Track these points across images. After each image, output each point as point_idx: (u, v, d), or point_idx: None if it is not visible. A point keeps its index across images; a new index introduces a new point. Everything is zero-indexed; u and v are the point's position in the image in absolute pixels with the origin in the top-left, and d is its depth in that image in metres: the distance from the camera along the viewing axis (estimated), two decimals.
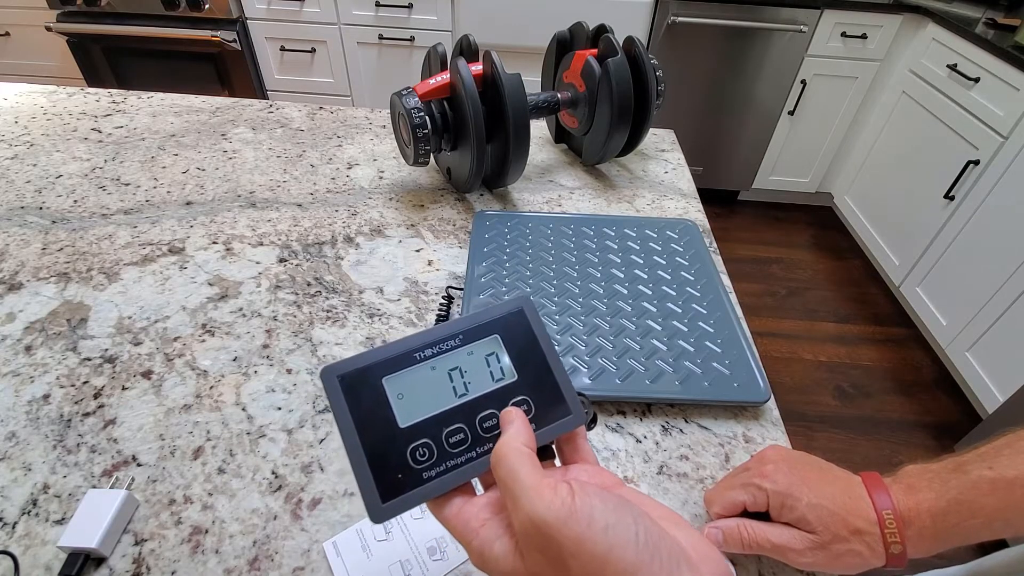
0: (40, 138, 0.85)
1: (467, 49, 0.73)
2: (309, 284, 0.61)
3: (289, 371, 0.52)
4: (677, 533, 0.23)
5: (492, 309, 0.29)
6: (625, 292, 0.59)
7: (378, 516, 0.25)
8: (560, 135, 0.91)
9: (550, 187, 0.80)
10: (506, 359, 0.28)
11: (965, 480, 0.33)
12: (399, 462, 0.25)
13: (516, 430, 0.25)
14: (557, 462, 0.29)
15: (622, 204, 0.78)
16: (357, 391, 0.26)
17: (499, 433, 0.27)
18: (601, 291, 0.59)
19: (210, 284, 0.61)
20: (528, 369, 0.28)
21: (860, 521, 0.33)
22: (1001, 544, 0.44)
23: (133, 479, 0.43)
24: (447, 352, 0.27)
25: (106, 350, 0.53)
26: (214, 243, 0.66)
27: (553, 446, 0.29)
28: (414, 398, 0.26)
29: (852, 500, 0.34)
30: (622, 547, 0.21)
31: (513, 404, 0.27)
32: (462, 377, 0.27)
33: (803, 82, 1.98)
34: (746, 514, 0.38)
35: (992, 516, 0.32)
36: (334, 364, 0.26)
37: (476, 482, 0.28)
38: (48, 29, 1.94)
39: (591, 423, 0.32)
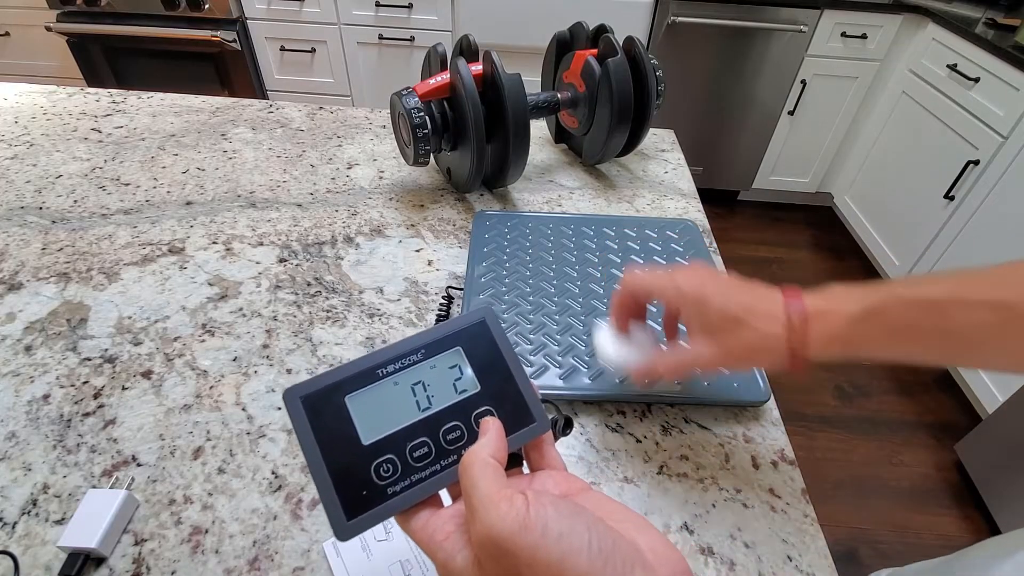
0: (40, 138, 0.85)
1: (467, 49, 0.73)
2: (309, 284, 0.61)
3: (289, 371, 0.52)
4: (638, 536, 0.23)
5: (454, 321, 0.29)
6: None
7: (343, 534, 0.25)
8: (560, 135, 0.91)
9: (550, 187, 0.80)
10: (469, 371, 0.28)
11: (885, 293, 0.34)
12: (363, 479, 0.25)
13: (487, 440, 0.26)
14: (526, 469, 0.29)
15: (622, 204, 0.78)
16: (320, 411, 0.26)
17: (463, 445, 0.27)
18: (601, 291, 0.59)
19: (210, 284, 0.61)
20: (491, 379, 0.28)
21: (763, 322, 0.35)
22: (983, 536, 0.45)
23: (133, 479, 0.43)
24: (409, 367, 0.28)
25: (106, 350, 0.53)
26: (214, 243, 0.66)
27: (522, 453, 0.29)
28: (377, 414, 0.26)
29: (763, 302, 0.36)
30: (575, 554, 0.21)
31: (477, 415, 0.28)
32: (425, 391, 0.27)
33: (803, 82, 1.98)
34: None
35: (904, 333, 0.33)
36: (296, 385, 0.26)
37: (445, 494, 0.28)
38: (48, 29, 1.93)
39: (565, 429, 0.32)
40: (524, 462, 0.29)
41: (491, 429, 0.26)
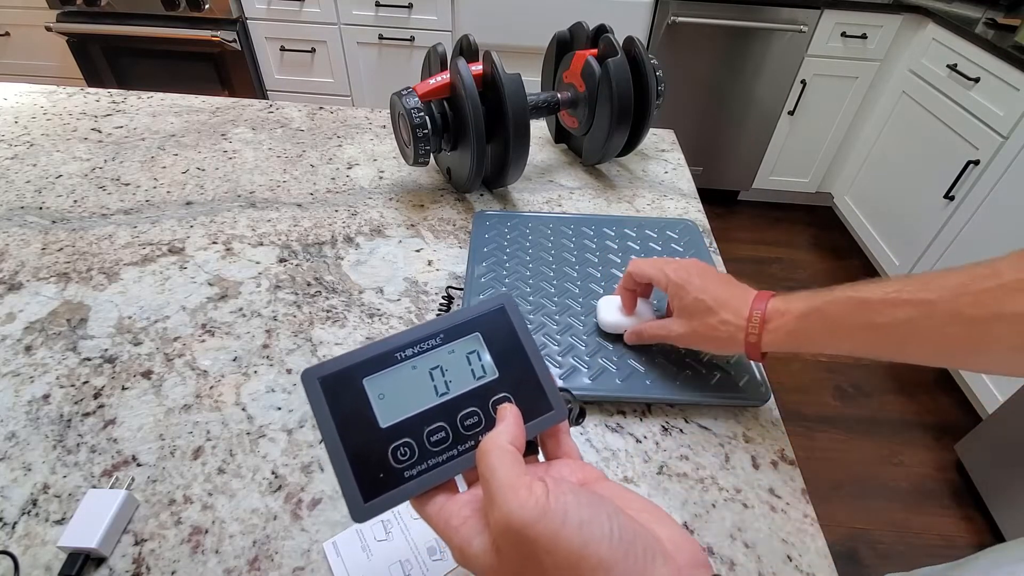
0: (40, 138, 0.85)
1: (467, 49, 0.73)
2: (309, 284, 0.61)
3: (289, 371, 0.52)
4: (655, 526, 0.23)
5: (473, 307, 0.29)
6: None
7: (360, 515, 0.25)
8: (560, 135, 0.91)
9: (550, 187, 0.80)
10: (487, 357, 0.28)
11: (830, 295, 0.39)
12: (380, 462, 0.25)
13: (505, 427, 0.25)
14: (541, 457, 0.29)
15: (622, 204, 0.78)
16: (338, 393, 0.26)
17: (481, 431, 0.27)
18: (601, 291, 0.59)
19: (210, 284, 0.61)
20: (509, 366, 0.28)
21: (729, 315, 0.43)
22: (991, 543, 0.45)
23: (133, 479, 0.43)
24: (428, 351, 0.27)
25: (106, 350, 0.53)
26: (214, 243, 0.66)
27: (538, 442, 0.29)
28: (395, 398, 0.26)
29: (734, 299, 0.44)
30: (596, 543, 0.21)
31: (494, 401, 0.27)
32: (443, 376, 0.27)
33: (803, 82, 1.98)
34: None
35: (839, 328, 0.39)
36: (315, 367, 0.26)
37: (460, 479, 0.28)
38: (48, 29, 1.93)
39: (578, 419, 0.32)
40: (540, 450, 0.29)
41: (509, 416, 0.26)
